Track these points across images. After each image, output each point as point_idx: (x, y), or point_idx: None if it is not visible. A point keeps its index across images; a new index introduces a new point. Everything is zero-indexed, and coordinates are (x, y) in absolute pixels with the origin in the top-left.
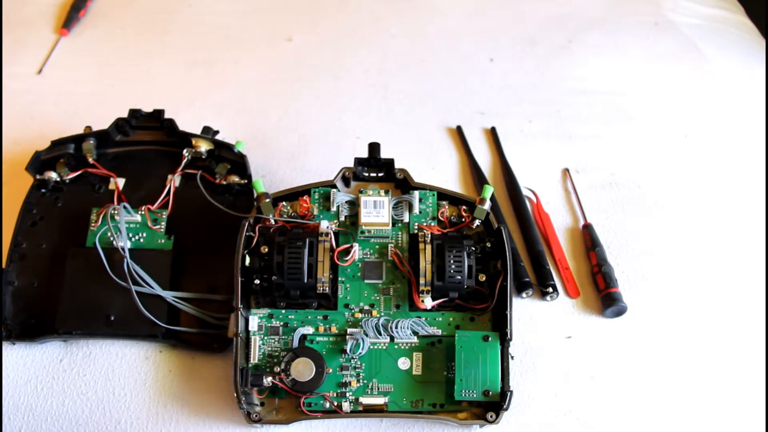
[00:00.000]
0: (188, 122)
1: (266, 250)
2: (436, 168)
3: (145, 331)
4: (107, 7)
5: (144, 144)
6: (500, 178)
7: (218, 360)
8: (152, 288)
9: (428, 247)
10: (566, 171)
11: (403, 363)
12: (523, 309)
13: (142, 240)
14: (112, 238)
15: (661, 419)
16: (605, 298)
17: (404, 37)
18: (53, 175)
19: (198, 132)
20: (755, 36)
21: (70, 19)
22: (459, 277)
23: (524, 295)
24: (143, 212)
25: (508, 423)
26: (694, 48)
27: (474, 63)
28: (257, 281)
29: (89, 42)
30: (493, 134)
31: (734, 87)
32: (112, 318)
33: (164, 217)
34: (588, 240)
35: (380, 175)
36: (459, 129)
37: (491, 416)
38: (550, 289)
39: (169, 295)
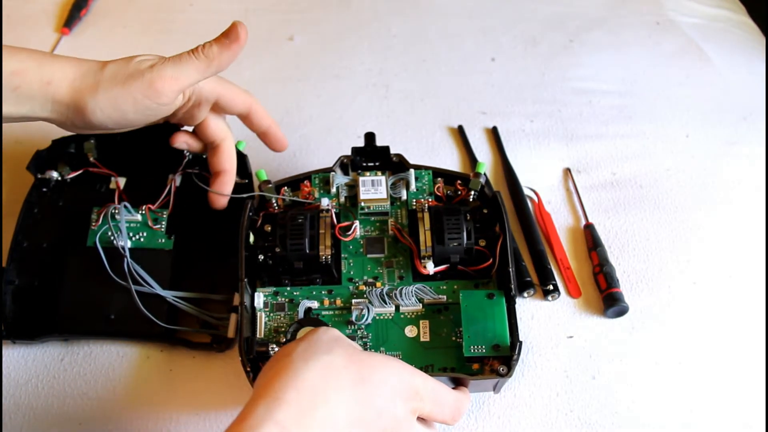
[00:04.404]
0: None
1: (269, 228)
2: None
3: (145, 330)
4: (109, 6)
5: (145, 143)
6: (502, 177)
7: (218, 360)
8: (152, 287)
9: (426, 215)
10: (568, 171)
11: (409, 331)
12: (525, 309)
13: (142, 239)
14: (112, 238)
15: (663, 419)
16: (607, 298)
17: (406, 37)
18: (54, 174)
19: None
20: (757, 36)
21: (71, 18)
22: (458, 239)
23: (526, 294)
24: (144, 212)
25: (509, 422)
26: (695, 48)
27: (475, 62)
28: (261, 257)
29: (91, 41)
30: (494, 134)
31: (736, 87)
32: (113, 317)
33: (165, 216)
34: (589, 240)
35: (377, 164)
36: (460, 128)
37: (503, 369)
38: (552, 288)
39: (169, 295)
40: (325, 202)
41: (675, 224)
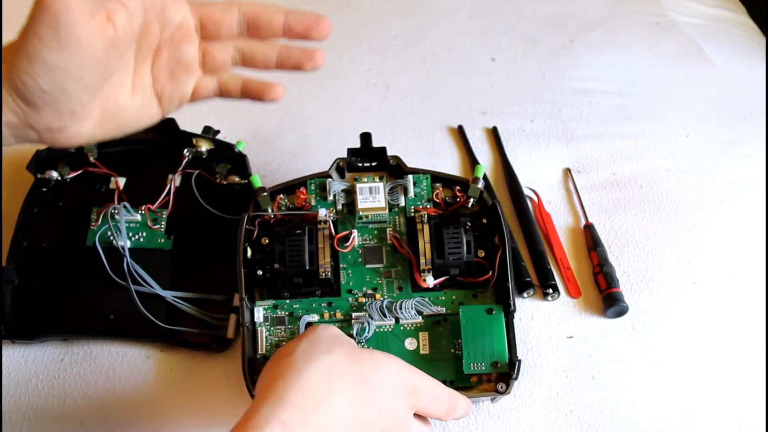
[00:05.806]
0: (189, 121)
1: (267, 241)
2: (437, 167)
3: (145, 330)
4: None
5: (145, 143)
6: (501, 177)
7: (218, 360)
8: (152, 287)
9: (426, 227)
10: (567, 171)
11: (409, 343)
12: (525, 309)
13: (142, 239)
14: (112, 238)
15: (663, 419)
16: (606, 298)
17: (406, 37)
18: (54, 174)
19: (198, 131)
20: (757, 36)
21: None
22: (458, 253)
23: (525, 294)
24: (143, 212)
25: (509, 422)
26: (695, 48)
27: (475, 62)
28: (260, 272)
29: None
30: (494, 134)
31: (736, 87)
32: (112, 317)
33: (164, 216)
34: (589, 240)
35: (374, 164)
36: (460, 128)
37: (501, 387)
38: (551, 289)
39: (168, 295)
40: (322, 212)
41: (675, 224)
